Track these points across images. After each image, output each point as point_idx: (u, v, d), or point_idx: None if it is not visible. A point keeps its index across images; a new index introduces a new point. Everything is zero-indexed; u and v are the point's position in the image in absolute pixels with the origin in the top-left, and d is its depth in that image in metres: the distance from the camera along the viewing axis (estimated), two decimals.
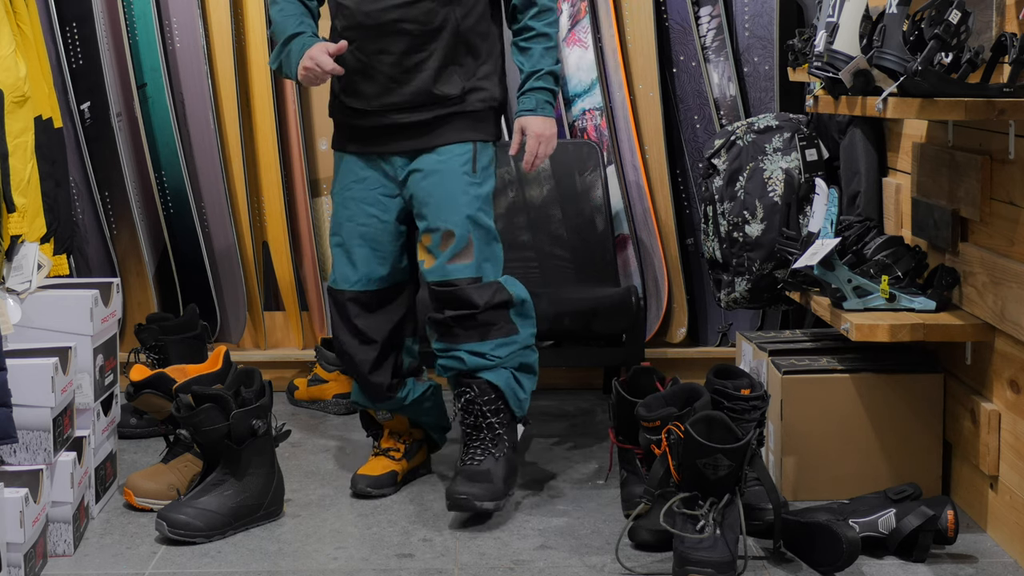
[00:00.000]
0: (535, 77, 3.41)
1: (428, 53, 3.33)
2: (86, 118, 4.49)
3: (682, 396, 3.16)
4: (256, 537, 3.24)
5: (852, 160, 3.83)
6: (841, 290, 3.37)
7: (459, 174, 3.36)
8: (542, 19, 3.42)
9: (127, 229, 4.59)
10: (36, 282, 3.34)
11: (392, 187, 3.42)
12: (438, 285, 3.34)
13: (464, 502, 3.28)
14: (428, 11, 3.30)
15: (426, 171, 3.36)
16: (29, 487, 2.87)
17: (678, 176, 4.58)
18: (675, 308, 4.60)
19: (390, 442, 3.61)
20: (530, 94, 3.41)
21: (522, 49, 3.43)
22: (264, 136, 4.58)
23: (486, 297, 3.33)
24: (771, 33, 4.43)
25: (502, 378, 3.37)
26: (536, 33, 3.41)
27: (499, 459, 3.35)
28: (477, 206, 3.36)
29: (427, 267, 3.36)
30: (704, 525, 2.92)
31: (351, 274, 3.44)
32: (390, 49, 3.32)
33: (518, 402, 3.42)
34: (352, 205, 3.44)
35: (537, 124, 3.40)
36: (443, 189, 3.34)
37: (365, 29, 3.33)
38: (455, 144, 3.37)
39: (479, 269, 3.35)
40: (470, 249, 3.33)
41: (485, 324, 3.34)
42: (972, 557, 3.08)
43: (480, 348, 3.35)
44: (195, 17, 4.48)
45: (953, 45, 2.89)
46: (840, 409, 3.43)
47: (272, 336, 4.71)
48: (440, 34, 3.33)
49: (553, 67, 3.42)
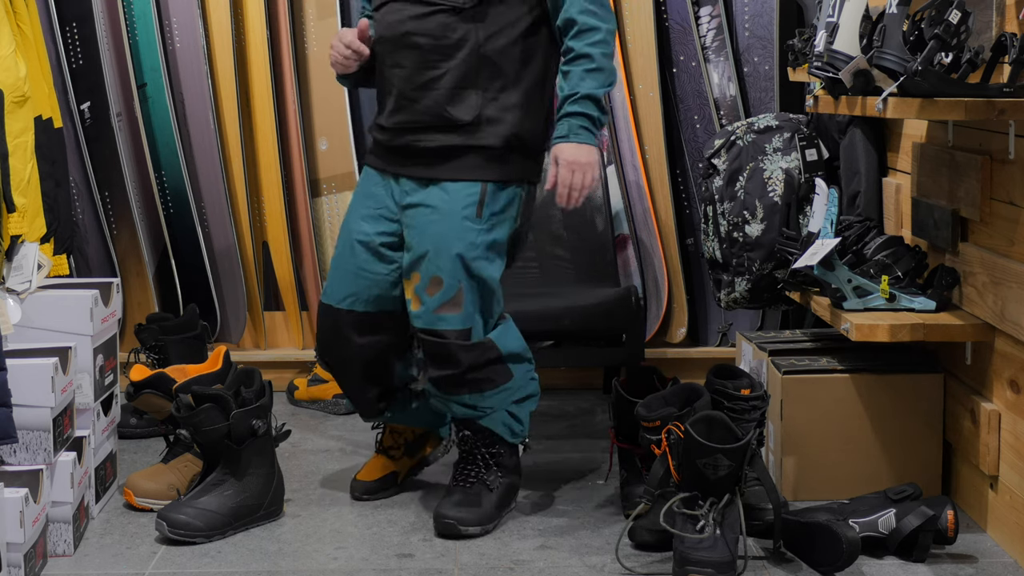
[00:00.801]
0: (570, 101, 3.10)
1: (442, 72, 3.13)
2: (86, 118, 4.49)
3: (682, 396, 3.16)
4: (256, 537, 3.24)
5: (852, 160, 3.83)
6: (841, 290, 3.37)
7: (458, 217, 3.13)
8: (583, 39, 3.10)
9: (127, 229, 4.59)
10: (36, 282, 3.34)
11: (393, 210, 3.25)
12: (424, 332, 3.18)
13: (449, 526, 3.19)
14: (443, 25, 3.11)
15: (427, 206, 3.17)
16: (29, 487, 2.87)
17: (678, 176, 4.58)
18: (675, 308, 4.60)
19: (391, 439, 3.54)
20: (564, 120, 3.11)
21: (563, 73, 3.14)
22: (264, 136, 4.58)
23: (472, 358, 3.16)
24: (771, 33, 4.43)
25: (497, 422, 3.26)
26: (576, 54, 3.11)
27: (491, 487, 3.27)
28: (475, 254, 3.14)
29: (413, 309, 3.19)
30: (704, 525, 2.92)
31: (339, 290, 3.30)
32: (403, 63, 3.17)
33: (514, 435, 3.30)
34: (353, 219, 3.31)
35: (569, 151, 3.10)
36: (438, 230, 3.14)
37: (386, 41, 3.21)
38: (463, 182, 3.15)
39: (468, 320, 3.15)
40: (459, 299, 3.14)
41: (474, 381, 3.18)
42: (972, 557, 3.08)
43: (471, 401, 3.22)
44: (195, 17, 4.48)
45: (953, 45, 2.89)
46: (840, 409, 3.43)
47: (272, 336, 4.71)
48: (457, 52, 3.12)
49: (594, 90, 3.09)
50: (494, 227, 3.18)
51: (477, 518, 3.21)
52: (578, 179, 3.11)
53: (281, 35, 4.54)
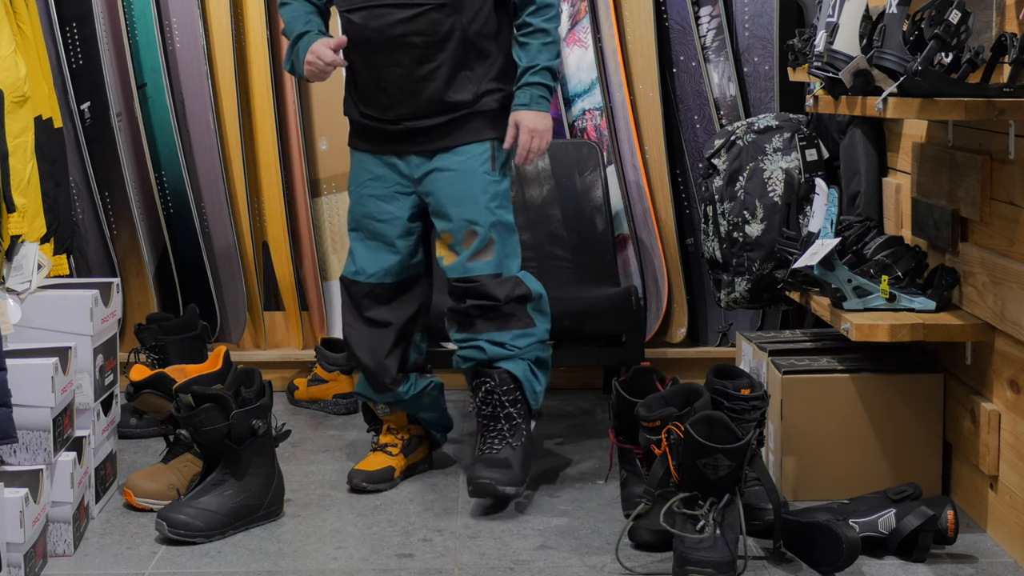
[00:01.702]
0: (531, 72, 3.43)
1: (438, 63, 3.38)
2: (86, 118, 4.49)
3: (682, 396, 3.16)
4: (256, 537, 3.24)
5: (852, 160, 3.82)
6: (841, 290, 3.37)
7: (479, 173, 3.43)
8: (540, 15, 3.44)
9: (127, 229, 4.59)
10: (36, 282, 3.34)
11: (407, 184, 3.48)
12: (459, 281, 3.42)
13: (486, 486, 3.34)
14: (434, 22, 3.35)
15: (446, 170, 3.43)
16: (29, 487, 2.87)
17: (678, 176, 4.58)
18: (675, 308, 4.60)
19: (388, 437, 3.65)
20: (525, 88, 3.43)
21: (521, 44, 3.46)
22: (264, 136, 4.58)
23: (507, 291, 3.41)
24: (771, 33, 4.43)
25: (520, 368, 3.44)
26: (534, 29, 3.44)
27: (516, 448, 3.42)
28: (497, 203, 3.44)
29: (447, 264, 3.44)
30: (704, 525, 2.92)
31: (369, 266, 3.51)
32: (399, 62, 3.38)
33: (534, 394, 3.49)
34: (369, 202, 3.50)
35: (530, 118, 3.42)
36: (463, 188, 3.41)
37: (374, 44, 3.38)
38: (473, 143, 3.43)
39: (499, 265, 3.42)
40: (491, 247, 3.42)
41: (505, 315, 3.41)
42: (972, 557, 3.08)
43: (499, 338, 3.42)
44: (195, 17, 4.48)
45: (953, 45, 2.89)
46: (840, 409, 3.43)
47: (272, 336, 4.71)
48: (447, 43, 3.37)
49: (550, 62, 3.44)
50: (504, 176, 3.49)
51: (511, 479, 3.37)
52: (536, 143, 3.45)
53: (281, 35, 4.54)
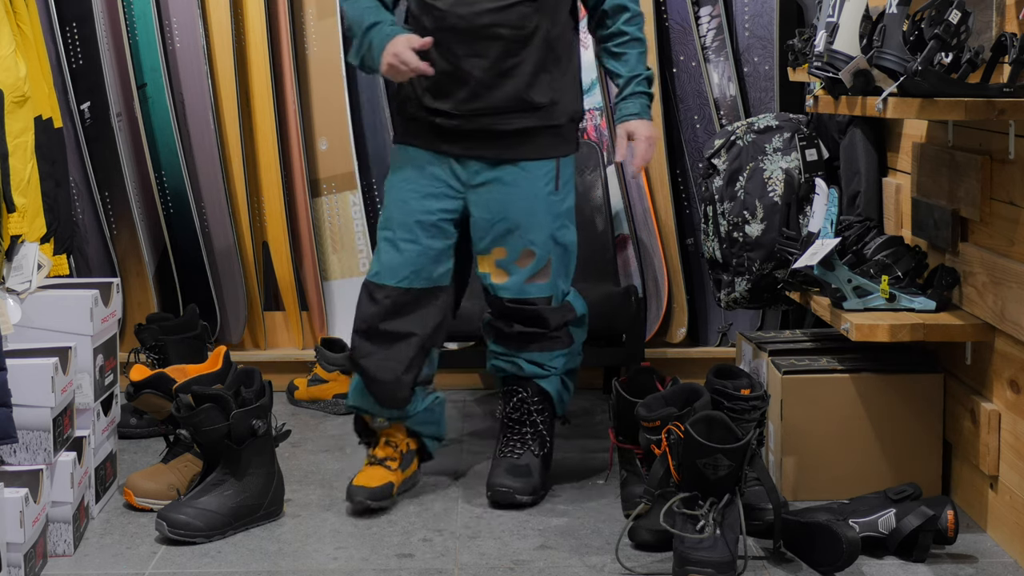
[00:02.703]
0: (636, 81, 3.39)
1: (521, 59, 3.29)
2: (86, 118, 4.49)
3: (682, 396, 3.16)
4: (256, 537, 3.24)
5: (852, 160, 3.83)
6: (841, 290, 3.37)
7: (543, 193, 3.36)
8: (635, 24, 3.41)
9: (127, 229, 4.59)
10: (36, 282, 3.34)
11: (458, 188, 3.36)
12: (513, 302, 3.39)
13: (506, 494, 3.36)
14: (523, 16, 3.27)
15: (508, 184, 3.34)
16: (29, 487, 2.87)
17: (678, 176, 4.58)
18: (675, 308, 4.60)
19: (387, 451, 3.48)
20: (633, 99, 3.39)
21: (616, 54, 3.41)
22: (264, 136, 4.58)
23: (558, 319, 3.41)
24: (771, 33, 4.43)
25: (553, 385, 3.47)
26: (631, 38, 3.40)
27: (538, 456, 3.45)
28: (559, 224, 3.38)
29: (499, 282, 3.38)
30: (704, 525, 2.92)
31: (400, 268, 3.34)
32: (484, 53, 3.28)
33: (562, 404, 3.53)
34: (412, 199, 3.35)
35: (646, 128, 3.38)
36: (525, 205, 3.34)
37: (458, 32, 3.27)
38: (539, 161, 3.36)
39: (553, 288, 3.40)
40: (548, 269, 3.38)
41: (550, 339, 3.42)
42: (972, 557, 3.08)
43: (540, 359, 3.43)
44: (195, 17, 4.48)
45: (953, 45, 2.89)
46: (840, 409, 3.43)
47: (272, 336, 4.71)
48: (532, 40, 3.29)
49: (648, 72, 3.42)
50: (567, 196, 3.42)
51: (530, 487, 3.39)
52: (650, 153, 3.42)
53: (281, 35, 4.54)
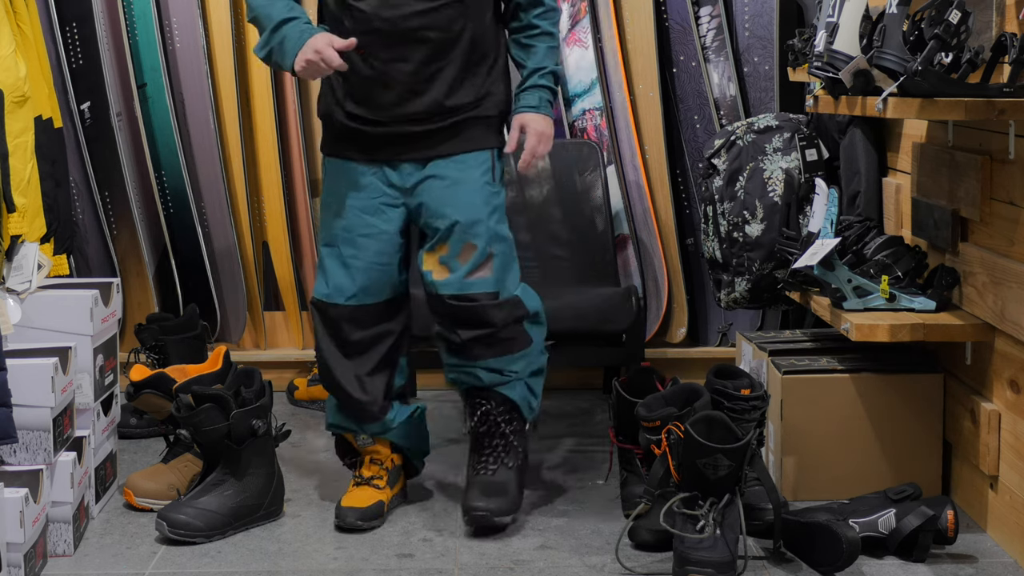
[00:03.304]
0: (538, 74, 3.29)
1: (447, 61, 3.18)
2: (86, 118, 4.49)
3: (682, 396, 3.16)
4: (256, 537, 3.24)
5: (852, 160, 3.82)
6: (841, 290, 3.37)
7: (480, 184, 3.24)
8: (547, 18, 3.30)
9: (127, 229, 4.59)
10: (36, 282, 3.34)
11: (395, 196, 3.25)
12: (454, 299, 3.21)
13: (483, 518, 3.21)
14: (451, 18, 3.16)
15: (443, 178, 3.22)
16: (29, 487, 2.87)
17: (678, 176, 4.58)
18: (675, 308, 4.60)
19: (372, 469, 3.39)
20: (532, 91, 3.29)
21: (524, 46, 3.31)
22: (264, 136, 4.58)
23: (503, 315, 3.23)
24: (771, 33, 4.43)
25: (517, 391, 3.30)
26: (541, 31, 3.30)
27: (512, 468, 3.29)
28: (498, 217, 3.26)
29: (440, 279, 3.21)
30: (704, 525, 2.92)
31: (347, 287, 3.25)
32: (409, 57, 3.16)
33: (531, 410, 3.36)
34: (350, 214, 3.25)
35: (538, 122, 3.27)
36: (463, 199, 3.21)
37: (382, 35, 3.15)
38: (474, 152, 3.25)
39: (498, 283, 3.23)
40: (490, 263, 3.22)
41: (503, 340, 3.24)
42: (972, 557, 3.08)
43: (497, 365, 3.26)
44: (195, 17, 4.48)
45: (953, 45, 2.89)
46: (840, 409, 3.43)
47: (272, 336, 4.71)
48: (459, 42, 3.18)
49: (556, 67, 3.31)
50: (502, 189, 3.32)
51: (508, 506, 3.24)
52: (542, 148, 3.28)
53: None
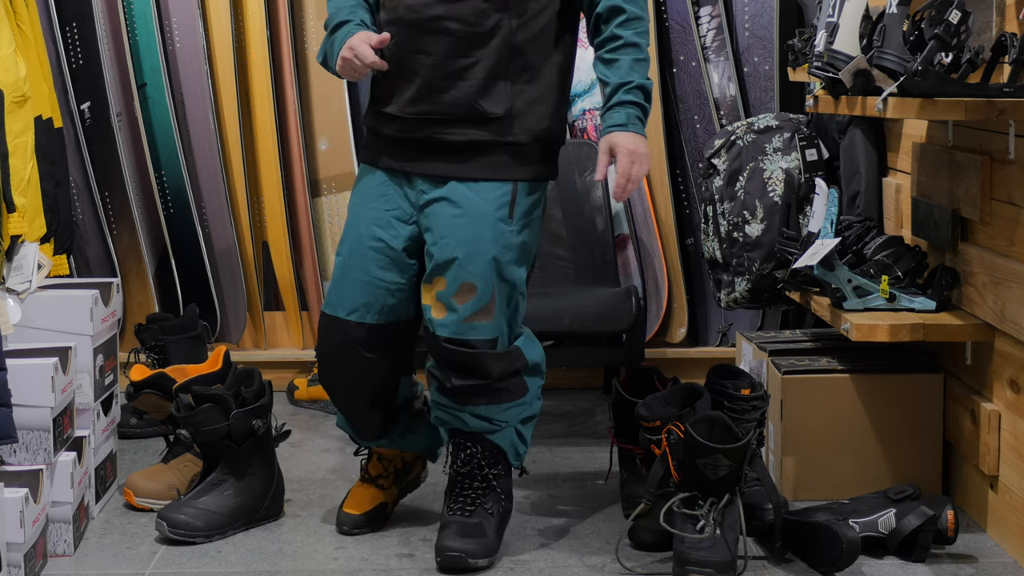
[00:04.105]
0: (624, 89, 2.93)
1: (474, 60, 2.93)
2: (86, 118, 4.49)
3: (682, 396, 3.16)
4: (256, 537, 3.24)
5: (852, 160, 3.83)
6: (841, 290, 3.37)
7: (492, 219, 2.95)
8: (631, 27, 2.95)
9: (127, 229, 4.59)
10: (36, 282, 3.34)
11: (408, 211, 3.03)
12: (450, 343, 2.96)
13: (457, 560, 2.97)
14: (477, 12, 2.91)
15: (454, 204, 2.96)
16: (29, 487, 2.87)
17: (678, 176, 4.58)
18: (675, 308, 4.60)
19: (379, 467, 3.30)
20: (618, 108, 2.93)
21: (607, 61, 2.96)
22: (264, 136, 4.58)
23: (502, 367, 2.99)
24: (771, 33, 4.43)
25: (506, 439, 3.08)
26: (624, 43, 2.95)
27: (492, 515, 3.06)
28: (508, 258, 2.96)
29: (437, 318, 2.96)
30: (704, 525, 2.92)
31: (350, 299, 3.06)
32: (430, 50, 2.93)
33: (518, 456, 3.14)
34: (362, 224, 3.05)
35: (629, 140, 2.91)
36: (469, 232, 2.94)
37: (406, 24, 2.95)
38: (493, 182, 2.96)
39: (497, 330, 2.98)
40: (492, 307, 2.95)
41: (497, 391, 3.00)
42: (972, 557, 3.08)
43: (487, 413, 3.02)
44: (195, 17, 4.48)
45: (953, 45, 2.89)
46: (840, 409, 3.43)
47: (272, 336, 4.71)
48: (490, 40, 2.92)
49: (644, 81, 2.95)
50: (523, 228, 3.00)
51: (484, 549, 3.01)
52: (637, 170, 2.95)
53: (281, 35, 4.54)
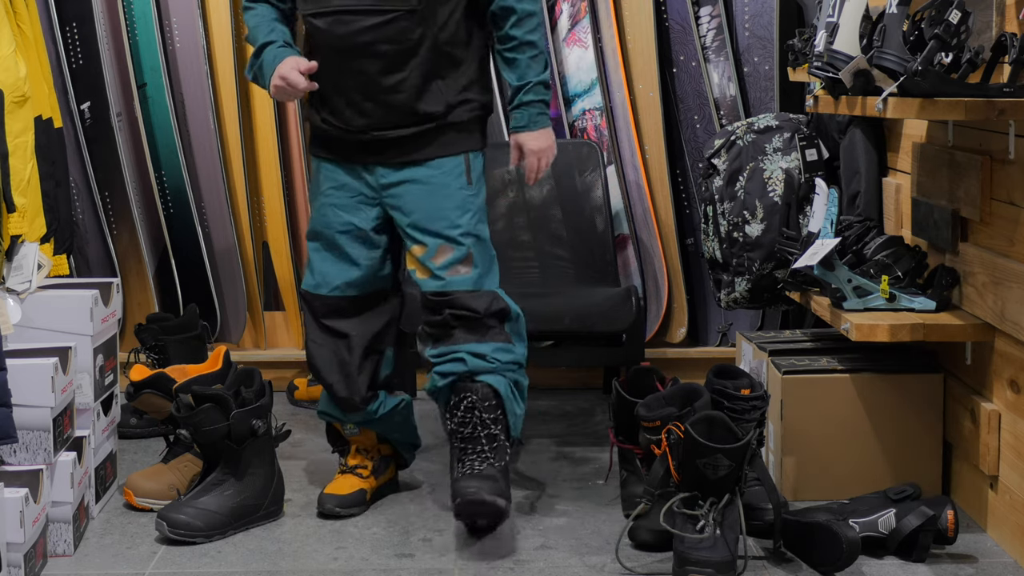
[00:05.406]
0: (524, 91, 3.25)
1: (407, 72, 3.19)
2: (86, 118, 4.49)
3: (682, 396, 3.16)
4: (256, 537, 3.24)
5: (852, 160, 3.83)
6: (841, 290, 3.37)
7: (455, 187, 3.25)
8: (523, 26, 3.23)
9: (127, 229, 4.59)
10: (36, 282, 3.34)
11: (371, 194, 3.29)
12: (435, 295, 3.24)
13: (474, 493, 3.07)
14: (403, 30, 3.16)
15: (418, 182, 3.25)
16: (29, 487, 2.87)
17: (678, 176, 4.58)
18: (675, 308, 4.60)
19: (357, 459, 3.46)
20: (521, 109, 3.26)
21: (507, 61, 3.27)
22: (264, 136, 4.58)
23: (485, 303, 3.22)
24: (771, 33, 4.43)
25: (503, 384, 3.22)
26: (519, 42, 3.24)
27: (500, 468, 3.16)
28: (477, 218, 3.27)
29: (422, 278, 3.26)
30: (704, 525, 2.92)
31: (331, 279, 3.32)
32: (365, 70, 3.19)
33: (515, 417, 3.26)
34: (330, 212, 3.31)
35: (532, 140, 3.27)
36: (438, 201, 3.24)
37: (337, 51, 3.20)
38: (447, 157, 3.26)
39: (477, 282, 3.24)
40: (469, 261, 3.24)
41: (486, 327, 3.23)
42: (972, 557, 3.08)
43: (481, 349, 3.21)
44: (195, 17, 4.49)
45: (953, 45, 2.89)
46: (840, 409, 3.43)
47: (272, 336, 4.71)
48: (418, 51, 3.18)
49: (541, 76, 3.25)
50: (479, 190, 3.32)
51: (499, 490, 3.11)
52: (543, 164, 3.31)
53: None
